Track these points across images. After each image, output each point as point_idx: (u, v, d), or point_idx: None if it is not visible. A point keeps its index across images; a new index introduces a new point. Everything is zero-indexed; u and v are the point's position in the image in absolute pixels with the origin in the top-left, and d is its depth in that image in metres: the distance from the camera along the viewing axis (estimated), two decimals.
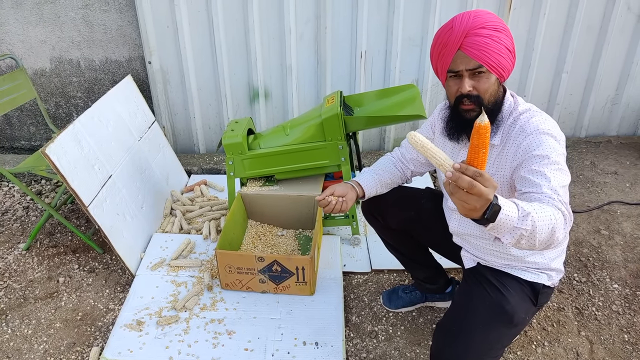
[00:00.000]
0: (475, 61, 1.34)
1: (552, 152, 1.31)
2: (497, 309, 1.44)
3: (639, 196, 2.85)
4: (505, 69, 1.38)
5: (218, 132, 3.40)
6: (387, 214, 1.82)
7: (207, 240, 2.47)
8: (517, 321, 1.45)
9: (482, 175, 1.04)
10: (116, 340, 1.93)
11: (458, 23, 1.36)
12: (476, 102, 1.39)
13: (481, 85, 1.37)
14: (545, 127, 1.36)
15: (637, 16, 3.12)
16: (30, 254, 2.51)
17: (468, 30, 1.34)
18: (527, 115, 1.42)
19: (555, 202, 1.23)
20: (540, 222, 1.14)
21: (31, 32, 3.11)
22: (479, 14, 1.37)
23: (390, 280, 2.27)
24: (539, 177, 1.28)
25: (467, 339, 1.39)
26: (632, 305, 2.11)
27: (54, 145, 2.00)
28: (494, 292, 1.47)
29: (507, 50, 1.36)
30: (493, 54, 1.34)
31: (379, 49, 3.11)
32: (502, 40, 1.35)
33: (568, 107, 3.42)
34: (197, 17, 3.00)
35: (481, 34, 1.33)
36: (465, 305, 1.49)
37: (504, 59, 1.36)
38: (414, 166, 1.82)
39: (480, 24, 1.34)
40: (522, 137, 1.38)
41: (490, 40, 1.33)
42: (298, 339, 1.93)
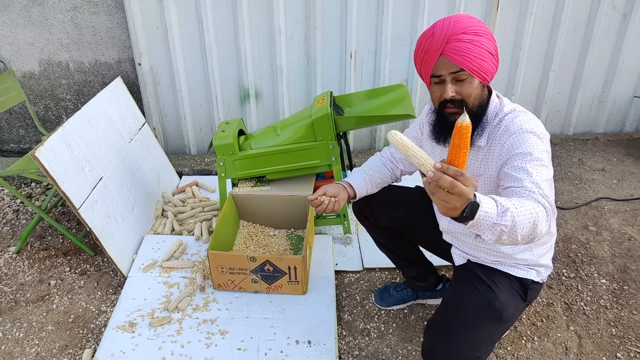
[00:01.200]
0: (457, 66, 1.35)
1: (534, 149, 1.33)
2: (487, 306, 1.46)
3: (626, 192, 2.90)
4: (488, 72, 1.38)
5: (209, 133, 3.40)
6: (378, 213, 1.83)
7: (199, 241, 2.47)
8: (507, 317, 1.47)
9: (463, 174, 1.05)
10: (109, 342, 1.93)
11: (439, 29, 1.37)
12: (460, 106, 1.41)
13: (464, 90, 1.38)
14: (528, 127, 1.38)
15: (622, 15, 3.17)
16: (20, 257, 2.49)
17: (449, 36, 1.35)
18: (511, 116, 1.44)
19: (535, 195, 1.24)
20: (521, 217, 1.16)
21: (19, 35, 3.10)
22: (459, 19, 1.37)
23: (381, 279, 2.29)
24: (520, 172, 1.31)
25: (458, 335, 1.41)
26: (619, 300, 2.14)
27: (44, 148, 2.00)
28: (484, 288, 1.49)
29: (489, 54, 1.36)
30: (474, 58, 1.35)
31: (369, 49, 3.13)
32: (484, 44, 1.35)
33: (556, 105, 3.46)
34: (187, 18, 3.00)
35: (462, 39, 1.34)
36: (456, 302, 1.51)
37: (485, 63, 1.36)
38: (403, 165, 1.84)
39: (460, 29, 1.35)
40: (506, 137, 1.40)
41: (471, 45, 1.34)
42: (291, 338, 1.94)
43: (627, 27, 3.18)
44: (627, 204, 2.78)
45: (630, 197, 2.84)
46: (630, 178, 3.04)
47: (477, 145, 1.47)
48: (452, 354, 1.40)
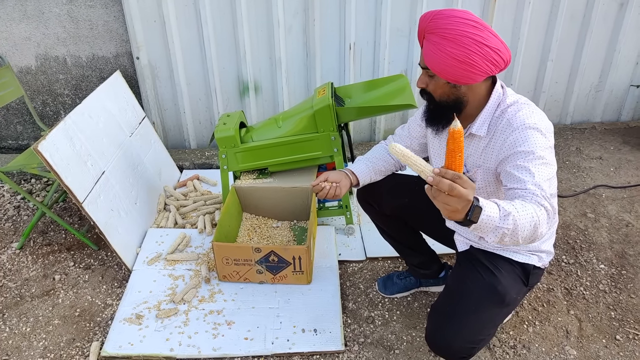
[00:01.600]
0: (423, 62, 1.41)
1: (537, 147, 1.34)
2: (490, 290, 1.48)
3: (623, 180, 2.93)
4: (455, 76, 1.36)
5: (208, 126, 3.40)
6: (381, 201, 1.85)
7: (203, 234, 2.48)
8: (509, 301, 1.50)
9: (461, 177, 1.09)
10: (116, 335, 1.95)
11: (420, 22, 1.42)
12: (428, 98, 1.49)
13: (430, 85, 1.45)
14: (531, 122, 1.38)
15: (619, 4, 3.19)
16: (24, 252, 2.50)
17: (424, 32, 1.41)
18: (514, 109, 1.43)
19: (538, 197, 1.27)
20: (522, 220, 1.20)
21: (15, 29, 3.08)
22: (436, 18, 1.37)
23: (384, 268, 2.31)
24: (523, 173, 1.32)
25: (461, 319, 1.44)
26: (617, 284, 2.18)
27: (46, 142, 2.00)
28: (487, 273, 1.52)
29: (453, 60, 1.33)
30: (436, 61, 1.37)
31: (368, 41, 3.14)
32: (447, 50, 1.33)
33: (554, 94, 3.49)
34: (185, 11, 2.99)
35: (430, 39, 1.38)
36: (459, 287, 1.53)
37: (449, 68, 1.35)
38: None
39: (430, 29, 1.37)
40: (508, 132, 1.41)
41: (434, 48, 1.36)
42: (297, 327, 1.96)
43: (623, 17, 3.21)
44: (624, 191, 2.82)
45: (627, 184, 2.88)
46: (627, 166, 3.07)
47: (476, 135, 1.49)
48: (455, 337, 1.42)
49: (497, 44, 1.35)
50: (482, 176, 1.52)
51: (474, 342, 1.44)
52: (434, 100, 1.47)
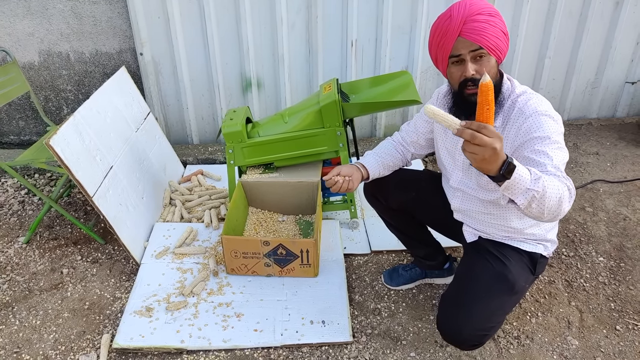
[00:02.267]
0: (475, 44, 1.42)
1: (552, 133, 1.40)
2: (500, 278, 1.54)
3: (620, 175, 2.99)
4: (502, 50, 1.46)
5: (211, 122, 3.43)
6: (389, 196, 1.90)
7: (209, 227, 2.51)
8: (518, 289, 1.55)
9: (487, 127, 1.16)
10: (127, 327, 1.98)
11: (456, 11, 1.45)
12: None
13: (483, 68, 1.45)
14: (542, 109, 1.45)
15: (615, 3, 3.24)
16: (30, 247, 2.52)
17: (466, 17, 1.42)
18: (524, 98, 1.50)
19: (560, 178, 1.33)
20: (550, 189, 1.25)
21: (18, 25, 3.08)
22: (473, 2, 1.45)
23: (389, 261, 2.36)
24: (542, 157, 1.38)
25: (472, 306, 1.49)
26: (616, 276, 2.23)
27: (58, 137, 2.02)
28: (496, 262, 1.57)
29: (502, 33, 1.45)
30: (491, 37, 1.42)
31: (370, 38, 3.17)
32: (498, 24, 1.44)
33: (551, 91, 3.55)
34: (189, 7, 3.01)
35: (478, 19, 1.42)
36: (469, 275, 1.58)
37: (500, 42, 1.44)
38: (414, 148, 1.90)
39: (476, 11, 1.42)
40: (522, 119, 1.46)
41: (487, 25, 1.42)
42: (305, 319, 2.00)
43: (619, 14, 3.26)
44: (621, 186, 2.88)
45: (623, 179, 2.94)
46: (623, 161, 3.14)
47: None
48: (466, 324, 1.47)
49: None
50: None
51: (485, 330, 1.49)
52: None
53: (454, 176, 1.72)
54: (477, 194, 1.66)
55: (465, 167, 1.67)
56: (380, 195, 1.93)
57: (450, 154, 1.72)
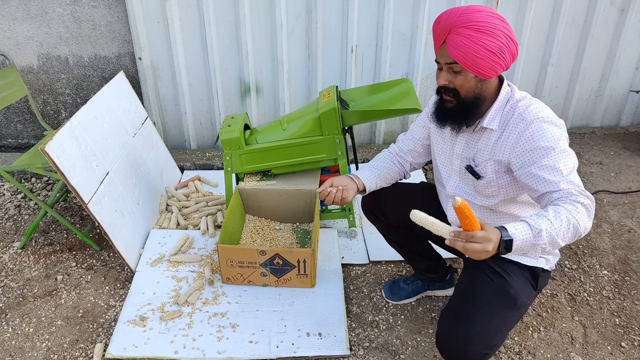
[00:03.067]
0: (452, 58, 1.40)
1: (556, 141, 1.38)
2: (501, 293, 1.49)
3: (624, 185, 2.95)
4: (486, 68, 1.39)
5: (209, 127, 3.40)
6: (388, 212, 1.86)
7: (205, 235, 2.48)
8: (520, 304, 1.51)
9: (474, 236, 1.21)
10: (120, 336, 1.94)
11: (444, 18, 1.41)
12: (453, 95, 1.47)
13: (457, 81, 1.44)
14: (544, 115, 1.42)
15: (620, 10, 3.21)
16: (25, 252, 2.48)
17: (451, 27, 1.39)
18: (524, 103, 1.47)
19: (573, 195, 1.33)
20: (557, 230, 1.27)
21: (17, 29, 3.07)
22: (466, 12, 1.38)
23: (388, 271, 2.32)
24: (552, 174, 1.36)
25: (473, 323, 1.44)
26: (621, 290, 2.19)
27: (53, 143, 1.99)
28: (497, 277, 1.53)
29: (487, 52, 1.36)
30: (469, 54, 1.37)
31: (370, 44, 3.14)
32: (483, 42, 1.35)
33: (554, 99, 3.51)
34: (188, 12, 2.99)
35: (461, 33, 1.37)
36: (470, 291, 1.54)
37: (482, 60, 1.37)
38: (412, 157, 1.86)
39: (462, 23, 1.37)
40: (523, 125, 1.43)
41: (469, 42, 1.36)
42: (302, 330, 1.96)
43: (624, 22, 3.23)
44: (625, 197, 2.84)
45: (628, 189, 2.90)
46: (628, 171, 3.09)
47: (488, 128, 1.52)
48: (468, 341, 1.42)
49: (516, 39, 1.42)
50: (493, 168, 1.53)
51: (487, 347, 1.45)
52: (459, 96, 1.46)
53: (451, 181, 1.69)
54: (474, 200, 1.63)
55: (462, 172, 1.64)
56: (378, 211, 1.89)
57: (447, 158, 1.69)
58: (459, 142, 1.62)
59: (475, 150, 1.57)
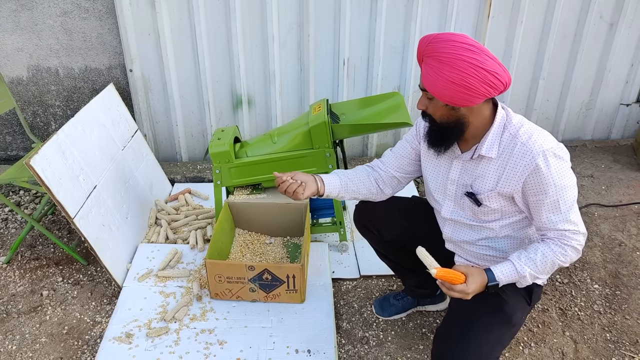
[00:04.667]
0: (422, 84, 1.42)
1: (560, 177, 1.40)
2: (497, 311, 1.48)
3: (615, 198, 2.95)
4: (453, 98, 1.36)
5: (201, 140, 3.38)
6: (382, 227, 1.84)
7: (194, 249, 2.45)
8: (516, 321, 1.50)
9: (454, 288, 1.39)
10: (105, 354, 1.91)
11: (420, 45, 1.42)
12: (430, 120, 1.50)
13: (430, 107, 1.47)
14: (548, 146, 1.39)
15: (609, 24, 3.23)
16: (11, 267, 2.44)
17: (422, 55, 1.41)
18: (525, 131, 1.43)
19: (566, 238, 1.44)
20: (541, 270, 1.45)
21: (7, 40, 3.05)
22: (433, 42, 1.37)
23: (378, 286, 2.29)
24: (552, 212, 1.43)
25: (469, 341, 1.43)
26: (612, 305, 2.18)
27: (39, 157, 1.97)
28: (492, 294, 1.51)
29: (449, 83, 1.33)
30: (434, 84, 1.37)
31: (362, 57, 3.14)
32: (444, 73, 1.34)
33: (545, 112, 3.52)
34: (179, 24, 2.98)
35: (427, 62, 1.39)
36: (465, 309, 1.52)
37: (445, 90, 1.36)
38: (398, 172, 1.77)
39: (429, 52, 1.37)
40: (528, 159, 1.40)
41: (432, 72, 1.37)
42: (290, 347, 1.93)
43: (613, 36, 3.25)
44: (616, 210, 2.84)
45: (619, 203, 2.90)
46: (618, 184, 3.10)
47: (486, 157, 1.48)
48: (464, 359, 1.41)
49: (494, 67, 1.34)
50: (497, 200, 1.51)
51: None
52: (435, 122, 1.48)
53: (445, 207, 1.66)
54: (473, 223, 1.60)
55: (458, 197, 1.61)
56: (372, 226, 1.87)
57: (441, 184, 1.65)
58: (454, 168, 1.59)
59: (473, 178, 1.54)
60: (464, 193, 1.56)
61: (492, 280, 1.41)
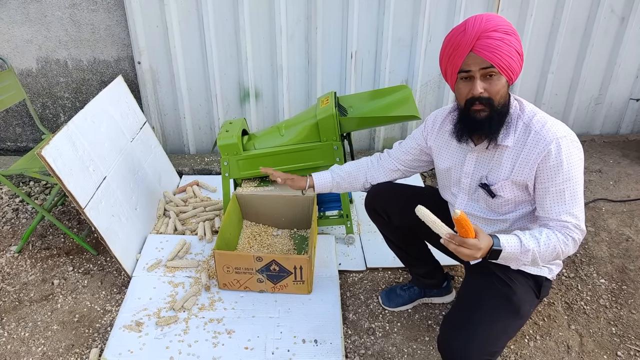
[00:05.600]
0: (487, 62, 1.38)
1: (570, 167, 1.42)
2: (505, 301, 1.50)
3: (623, 194, 2.94)
4: (514, 71, 1.42)
5: (208, 132, 3.40)
6: (391, 212, 1.85)
7: (203, 240, 2.47)
8: (523, 312, 1.51)
9: (466, 242, 1.31)
10: (116, 342, 1.93)
11: (471, 26, 1.40)
12: (487, 104, 1.43)
13: (492, 87, 1.41)
14: (562, 134, 1.43)
15: (620, 18, 3.21)
16: (22, 256, 2.48)
17: (480, 32, 1.38)
18: (538, 120, 1.46)
19: (568, 230, 1.43)
20: (543, 252, 1.41)
21: (16, 32, 3.07)
22: (490, 18, 1.40)
23: (385, 278, 2.31)
24: (558, 202, 1.44)
25: (476, 330, 1.44)
26: (618, 299, 2.18)
27: (50, 147, 1.99)
28: (501, 284, 1.52)
29: (516, 53, 1.40)
30: (504, 56, 1.38)
31: (369, 50, 3.14)
32: (512, 43, 1.39)
33: (553, 106, 3.51)
34: (187, 16, 2.99)
35: (493, 36, 1.37)
36: (473, 297, 1.54)
37: (513, 62, 1.40)
38: (404, 166, 1.84)
39: (492, 27, 1.38)
40: (542, 145, 1.43)
41: (501, 43, 1.37)
42: (297, 337, 1.95)
43: (624, 30, 3.23)
44: (624, 205, 2.83)
45: (627, 198, 2.89)
46: (627, 179, 3.09)
47: (503, 145, 1.50)
48: (469, 347, 1.42)
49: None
50: (510, 189, 1.52)
51: (488, 354, 1.44)
52: (493, 105, 1.43)
53: (459, 200, 1.68)
54: (488, 216, 1.62)
55: (472, 190, 1.63)
56: (382, 210, 1.88)
57: (455, 177, 1.67)
58: (468, 161, 1.60)
59: (488, 169, 1.55)
60: (478, 185, 1.58)
61: (497, 245, 1.36)
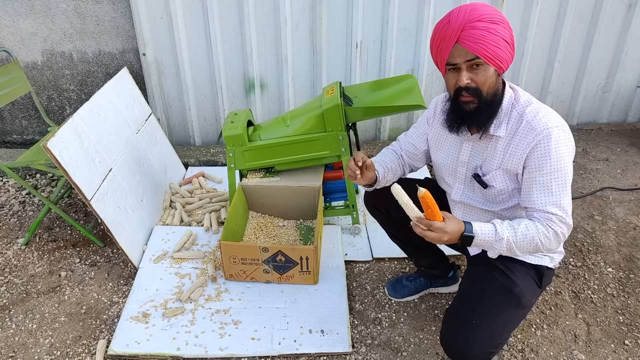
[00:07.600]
0: (472, 53, 1.36)
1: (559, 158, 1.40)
2: (506, 292, 1.49)
3: (630, 182, 2.92)
4: (503, 60, 1.39)
5: (214, 123, 3.40)
6: (391, 207, 1.84)
7: (209, 232, 2.48)
8: (525, 303, 1.50)
9: (432, 225, 1.35)
10: (123, 333, 1.95)
11: (455, 17, 1.38)
12: (475, 94, 1.42)
13: (479, 78, 1.39)
14: (553, 124, 1.41)
15: (628, 6, 3.17)
16: (29, 248, 2.49)
17: (464, 23, 1.36)
18: (532, 110, 1.44)
19: (552, 222, 1.42)
20: (520, 242, 1.40)
21: (21, 24, 3.07)
22: (475, 7, 1.38)
23: (391, 268, 2.31)
24: (544, 193, 1.42)
25: (478, 322, 1.44)
26: (625, 288, 2.17)
27: (55, 139, 1.99)
28: (502, 275, 1.52)
29: (504, 42, 1.37)
30: (490, 46, 1.35)
31: (375, 39, 3.12)
32: (499, 32, 1.36)
33: (560, 95, 3.48)
34: (192, 7, 2.98)
35: (477, 26, 1.35)
36: (475, 290, 1.53)
37: (501, 51, 1.37)
38: (409, 159, 1.84)
39: (476, 17, 1.36)
40: (532, 135, 1.42)
41: (486, 33, 1.35)
42: (304, 327, 1.96)
43: (632, 18, 3.19)
44: (631, 194, 2.81)
45: (634, 186, 2.87)
46: (634, 168, 3.06)
47: (495, 135, 1.49)
48: (472, 340, 1.42)
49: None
50: (502, 178, 1.52)
51: (492, 346, 1.44)
52: (481, 95, 1.42)
53: (455, 189, 1.67)
54: (484, 207, 1.61)
55: (467, 180, 1.62)
56: (381, 207, 1.88)
57: (451, 167, 1.66)
58: (464, 150, 1.59)
59: (482, 158, 1.55)
60: (472, 175, 1.57)
61: (468, 232, 1.38)
